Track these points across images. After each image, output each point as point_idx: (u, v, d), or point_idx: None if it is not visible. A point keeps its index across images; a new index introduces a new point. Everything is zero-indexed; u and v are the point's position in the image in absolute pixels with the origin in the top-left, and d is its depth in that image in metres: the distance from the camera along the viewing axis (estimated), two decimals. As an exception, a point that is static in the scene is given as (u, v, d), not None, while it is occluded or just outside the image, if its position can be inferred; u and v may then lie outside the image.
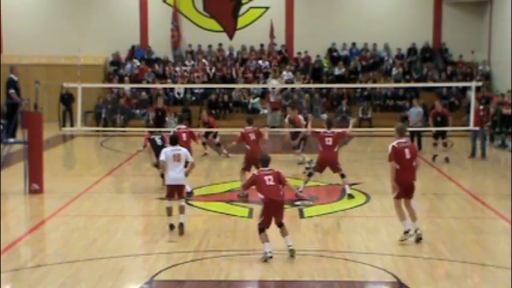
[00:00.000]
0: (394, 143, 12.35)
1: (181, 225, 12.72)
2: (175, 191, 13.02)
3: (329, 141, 16.13)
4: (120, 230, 13.37)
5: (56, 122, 26.83)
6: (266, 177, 11.38)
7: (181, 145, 13.70)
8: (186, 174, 13.13)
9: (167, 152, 13.10)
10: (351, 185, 17.41)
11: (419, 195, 16.55)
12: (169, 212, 13.04)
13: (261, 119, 30.45)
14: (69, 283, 10.25)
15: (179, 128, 17.96)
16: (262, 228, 11.37)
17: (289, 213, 14.69)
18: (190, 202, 15.74)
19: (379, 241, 12.74)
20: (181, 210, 12.90)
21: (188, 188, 15.72)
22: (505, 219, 14.17)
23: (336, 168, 16.20)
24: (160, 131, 18.61)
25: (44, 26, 33.28)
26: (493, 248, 12.35)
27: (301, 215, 14.61)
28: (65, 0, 33.75)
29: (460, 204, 15.61)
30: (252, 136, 16.70)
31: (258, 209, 14.98)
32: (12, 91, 17.33)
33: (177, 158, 12.95)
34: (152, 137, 16.85)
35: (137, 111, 30.81)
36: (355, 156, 20.30)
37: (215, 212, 14.89)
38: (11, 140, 16.98)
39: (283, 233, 11.47)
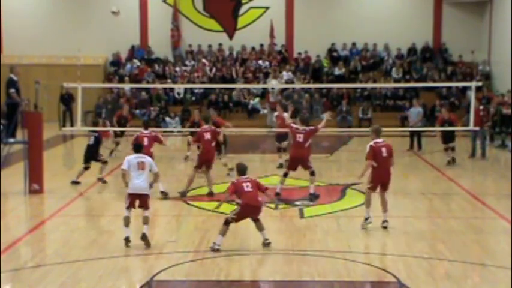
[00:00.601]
0: (372, 143, 13.29)
1: (144, 236, 11.96)
2: (136, 201, 12.24)
3: (300, 137, 16.13)
4: (120, 230, 13.34)
5: (56, 122, 26.85)
6: (244, 184, 11.81)
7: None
8: (151, 185, 12.58)
9: (131, 159, 12.34)
10: (351, 185, 17.44)
11: (419, 195, 16.63)
12: (126, 222, 12.12)
13: (261, 119, 30.52)
14: (69, 283, 10.25)
15: (142, 133, 17.06)
16: (230, 222, 11.82)
17: (289, 213, 14.73)
18: (190, 202, 15.76)
19: (379, 241, 12.74)
20: (145, 221, 12.12)
21: (161, 188, 15.98)
22: (505, 219, 14.17)
23: (306, 166, 16.03)
24: (161, 131, 18.57)
25: (44, 26, 33.29)
26: (493, 248, 12.35)
27: (301, 215, 14.60)
28: (65, 0, 33.74)
29: (460, 204, 15.60)
30: (207, 135, 16.51)
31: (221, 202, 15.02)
32: (12, 90, 17.33)
33: (141, 166, 12.26)
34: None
35: (137, 111, 30.81)
36: (355, 156, 20.29)
37: (215, 212, 14.87)
38: (11, 140, 16.98)
39: (260, 228, 12.00)
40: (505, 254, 11.64)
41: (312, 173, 15.96)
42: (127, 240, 12.05)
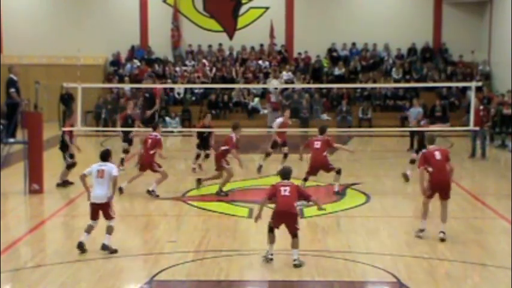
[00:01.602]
0: (424, 150, 12.97)
1: (104, 246, 11.65)
2: (99, 210, 11.88)
3: (317, 144, 16.48)
4: (120, 230, 13.34)
5: (55, 122, 26.75)
6: (282, 188, 11.20)
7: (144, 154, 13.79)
8: (111, 194, 11.98)
9: (93, 167, 12.03)
10: (351, 185, 17.45)
11: (419, 195, 16.60)
12: (89, 229, 11.84)
13: (261, 119, 30.51)
14: (69, 283, 10.26)
15: (150, 135, 16.85)
16: (271, 227, 11.24)
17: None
18: (190, 202, 15.76)
19: (379, 241, 12.74)
20: (108, 230, 11.79)
21: (153, 187, 16.05)
22: (505, 219, 14.18)
23: (328, 169, 16.50)
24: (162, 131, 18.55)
25: (44, 26, 33.28)
26: (493, 248, 12.35)
27: (301, 215, 14.59)
28: (65, 0, 33.74)
29: (460, 204, 15.59)
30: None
31: (257, 208, 15.01)
32: (12, 90, 17.33)
33: (100, 174, 11.86)
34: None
35: (137, 111, 30.76)
36: (355, 156, 20.28)
37: (215, 212, 14.90)
38: (11, 140, 16.98)
39: (293, 245, 11.13)
40: (505, 254, 11.64)
41: (338, 172, 16.37)
42: (79, 245, 11.58)
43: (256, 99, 31.55)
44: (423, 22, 33.46)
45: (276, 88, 30.36)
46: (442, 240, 12.41)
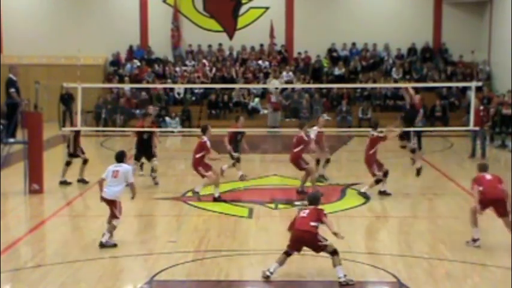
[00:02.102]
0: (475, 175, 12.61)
1: (101, 244, 11.89)
2: (108, 206, 12.16)
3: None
4: (120, 230, 13.35)
5: (55, 122, 26.76)
6: (302, 212, 10.70)
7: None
8: (133, 197, 12.49)
9: (109, 169, 12.31)
10: (351, 185, 17.45)
11: (419, 195, 16.62)
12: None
13: (261, 119, 30.51)
14: (69, 283, 10.25)
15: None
16: (286, 251, 10.59)
17: (289, 213, 14.71)
18: (190, 202, 15.75)
19: (379, 241, 12.74)
20: (109, 228, 12.05)
21: (197, 188, 15.80)
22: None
23: (371, 173, 16.25)
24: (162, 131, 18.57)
25: (44, 26, 33.29)
26: (493, 248, 12.34)
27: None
28: (65, 0, 33.74)
29: (460, 204, 15.57)
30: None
31: (258, 209, 15.03)
32: (12, 90, 17.33)
33: (114, 174, 12.19)
34: None
35: (137, 111, 30.80)
36: (355, 156, 20.27)
37: (215, 212, 14.89)
38: (11, 140, 16.97)
39: (334, 262, 10.39)
40: (505, 254, 11.63)
41: (377, 182, 16.11)
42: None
43: (257, 99, 31.55)
44: (423, 22, 33.47)
45: (276, 88, 30.37)
46: None
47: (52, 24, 33.33)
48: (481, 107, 22.52)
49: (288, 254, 10.56)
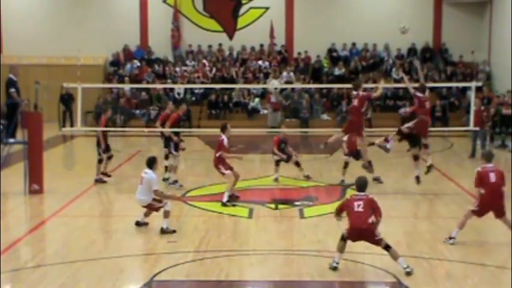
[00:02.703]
0: (479, 168, 12.65)
1: (162, 230, 12.95)
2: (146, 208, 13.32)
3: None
4: (120, 230, 13.38)
5: (55, 122, 26.82)
6: (356, 203, 10.72)
7: None
8: (156, 207, 13.17)
9: (143, 172, 13.33)
10: (351, 185, 17.42)
11: (419, 195, 16.62)
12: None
13: (261, 119, 30.51)
14: (69, 283, 10.26)
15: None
16: (345, 237, 10.80)
17: (289, 213, 14.73)
18: (190, 202, 15.75)
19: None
20: (165, 214, 13.07)
21: (224, 199, 15.37)
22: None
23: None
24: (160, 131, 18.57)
25: (44, 27, 33.29)
26: (493, 248, 12.35)
27: (301, 215, 14.61)
28: (65, 0, 33.74)
29: (460, 205, 15.57)
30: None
31: (258, 209, 15.03)
32: (12, 90, 17.34)
33: (140, 180, 13.16)
34: None
35: (137, 112, 30.82)
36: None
37: (215, 212, 14.90)
38: (11, 140, 16.97)
39: (393, 257, 10.70)
40: (505, 254, 11.64)
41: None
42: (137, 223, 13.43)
43: (257, 100, 31.55)
44: (423, 22, 33.44)
45: (275, 88, 30.37)
46: None
47: (52, 25, 33.33)
48: (482, 107, 22.51)
49: (345, 240, 10.83)
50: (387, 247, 10.67)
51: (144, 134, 27.94)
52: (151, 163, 13.20)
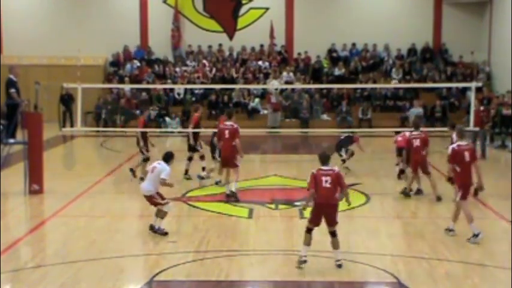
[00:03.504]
0: (455, 145, 12.71)
1: (152, 227, 12.85)
2: (148, 200, 13.09)
3: (417, 141, 15.98)
4: (120, 231, 13.38)
5: (56, 123, 26.80)
6: (324, 178, 10.83)
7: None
8: (157, 202, 12.92)
9: (153, 163, 13.32)
10: (351, 185, 17.42)
11: (418, 195, 16.60)
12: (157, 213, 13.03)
13: (261, 120, 30.51)
14: (69, 283, 10.26)
15: (224, 125, 16.11)
16: (310, 228, 10.93)
17: (289, 213, 14.73)
18: (190, 202, 15.75)
19: (379, 241, 12.74)
20: (159, 214, 12.90)
21: (233, 188, 15.65)
22: (505, 220, 14.18)
23: (425, 171, 16.17)
24: (162, 132, 18.56)
25: (44, 27, 33.29)
26: (492, 249, 12.35)
27: (301, 216, 14.59)
28: (65, 1, 33.75)
29: (460, 205, 15.58)
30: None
31: (258, 209, 15.03)
32: (13, 90, 17.34)
33: (151, 169, 13.00)
34: None
35: (137, 112, 30.80)
36: (355, 156, 20.25)
37: (215, 212, 14.90)
38: (11, 140, 16.97)
39: (334, 245, 10.95)
40: (505, 254, 11.65)
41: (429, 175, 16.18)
42: (151, 227, 12.92)
43: (257, 100, 31.55)
44: (423, 22, 33.45)
45: (276, 89, 30.38)
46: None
47: (52, 25, 33.33)
48: (481, 108, 22.49)
49: (311, 231, 10.88)
50: (334, 233, 10.88)
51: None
52: (168, 157, 13.10)
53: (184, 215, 14.86)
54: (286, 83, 31.27)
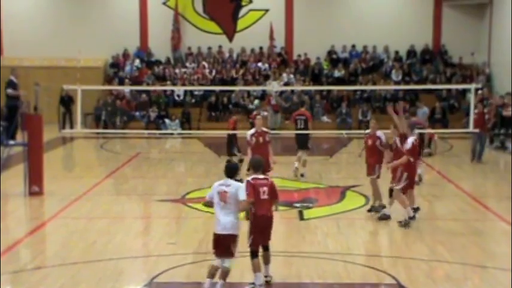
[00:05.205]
0: (415, 137, 13.74)
1: None
2: (223, 243, 9.57)
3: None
4: (119, 232, 13.38)
5: (55, 124, 26.82)
6: (261, 189, 9.78)
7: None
8: (247, 218, 10.13)
9: (214, 187, 9.69)
10: (351, 187, 17.43)
11: (418, 197, 16.60)
12: (210, 272, 9.65)
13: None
14: (68, 285, 10.26)
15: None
16: (255, 250, 9.88)
17: (288, 215, 14.73)
18: (189, 204, 15.75)
19: (379, 243, 12.74)
20: (223, 274, 9.59)
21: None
22: (505, 221, 14.17)
23: None
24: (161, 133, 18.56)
25: (44, 29, 33.28)
26: (493, 250, 12.36)
27: (301, 217, 14.61)
28: (65, 2, 33.75)
29: (460, 206, 15.61)
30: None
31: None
32: (9, 91, 17.35)
33: (222, 196, 9.53)
34: None
35: (137, 113, 30.81)
36: (355, 158, 20.28)
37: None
38: (11, 142, 16.98)
39: (265, 260, 10.09)
40: (505, 256, 11.64)
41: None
42: None
43: (256, 101, 31.53)
44: (423, 24, 33.45)
45: (276, 92, 30.37)
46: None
47: (52, 27, 33.32)
48: (485, 110, 22.26)
49: (257, 255, 9.87)
50: (267, 248, 10.08)
51: (144, 136, 27.98)
52: (232, 171, 9.86)
53: (183, 216, 14.86)
54: (286, 84, 31.27)
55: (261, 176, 9.97)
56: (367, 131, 15.21)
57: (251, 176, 9.92)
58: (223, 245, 9.50)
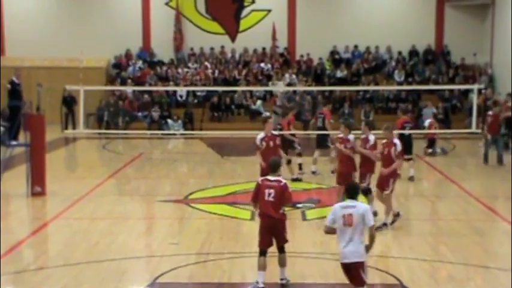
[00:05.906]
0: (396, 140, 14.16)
1: None
2: (350, 272, 8.50)
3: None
4: (122, 233, 13.38)
5: (58, 125, 26.82)
6: (267, 191, 9.83)
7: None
8: (368, 248, 8.52)
9: (336, 210, 8.60)
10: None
11: (421, 197, 16.61)
12: None
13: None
14: (71, 285, 10.27)
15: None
16: (261, 249, 10.01)
17: (291, 215, 14.70)
18: (192, 204, 15.75)
19: (382, 243, 12.73)
20: None
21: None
22: (508, 222, 14.15)
23: None
24: (162, 133, 18.54)
25: (46, 29, 33.30)
26: (495, 250, 12.35)
27: (304, 217, 14.61)
28: (67, 2, 33.77)
29: (462, 207, 15.59)
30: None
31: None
32: (8, 86, 17.34)
33: (347, 220, 8.41)
34: None
35: (139, 114, 30.81)
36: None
37: (217, 214, 14.89)
38: (14, 142, 16.99)
39: (280, 262, 10.11)
40: (508, 256, 11.62)
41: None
42: None
43: (259, 102, 31.52)
44: (425, 24, 33.42)
45: (281, 92, 30.36)
46: None
47: (54, 27, 33.33)
48: (490, 112, 21.86)
49: (265, 253, 9.97)
50: (282, 250, 10.07)
51: (147, 137, 27.99)
52: (355, 192, 8.80)
53: (186, 217, 14.87)
54: (288, 85, 31.26)
55: (272, 178, 10.03)
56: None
57: (263, 177, 10.20)
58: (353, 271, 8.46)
